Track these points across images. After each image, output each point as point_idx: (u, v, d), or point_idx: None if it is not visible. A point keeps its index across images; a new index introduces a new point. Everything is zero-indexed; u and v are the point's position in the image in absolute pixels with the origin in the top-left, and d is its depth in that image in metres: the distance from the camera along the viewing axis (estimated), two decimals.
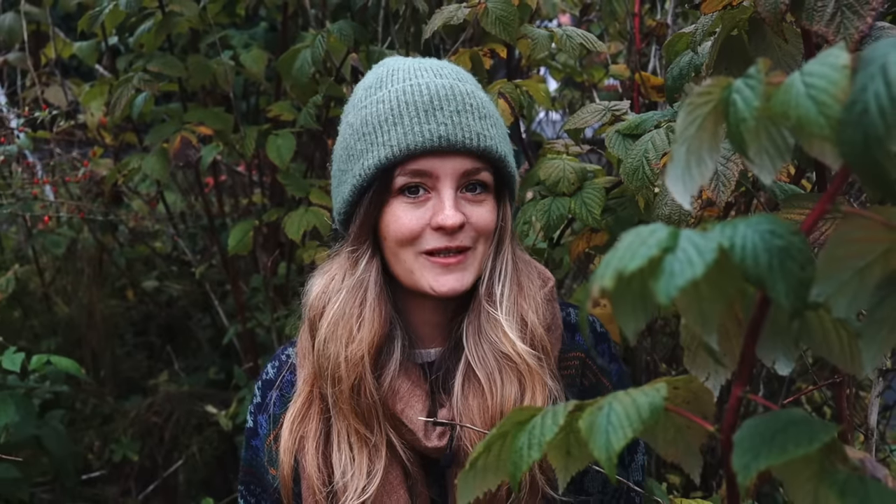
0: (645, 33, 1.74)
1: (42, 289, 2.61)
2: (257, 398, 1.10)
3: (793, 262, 0.36)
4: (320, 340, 0.98)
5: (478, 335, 0.97)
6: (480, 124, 0.94)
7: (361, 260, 0.98)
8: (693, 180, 0.40)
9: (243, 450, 1.11)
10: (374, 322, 0.96)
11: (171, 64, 1.84)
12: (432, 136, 0.91)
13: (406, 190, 0.94)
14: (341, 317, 0.96)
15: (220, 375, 2.61)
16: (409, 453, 0.97)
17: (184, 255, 2.60)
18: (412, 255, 0.95)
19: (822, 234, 0.64)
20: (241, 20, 2.52)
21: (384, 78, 0.98)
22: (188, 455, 2.39)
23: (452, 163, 0.93)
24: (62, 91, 2.46)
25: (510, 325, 0.96)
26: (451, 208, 0.92)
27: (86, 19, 1.81)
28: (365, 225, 0.97)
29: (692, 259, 0.37)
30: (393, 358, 0.98)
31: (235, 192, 2.68)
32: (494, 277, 0.99)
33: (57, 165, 2.45)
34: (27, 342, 2.51)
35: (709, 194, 0.65)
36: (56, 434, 2.13)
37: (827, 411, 2.14)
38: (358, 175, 0.95)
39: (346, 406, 0.96)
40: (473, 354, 0.97)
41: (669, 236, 0.38)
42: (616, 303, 0.40)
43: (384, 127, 0.93)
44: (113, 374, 2.64)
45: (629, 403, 0.43)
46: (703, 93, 0.41)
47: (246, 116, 2.45)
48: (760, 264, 0.36)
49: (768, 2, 0.61)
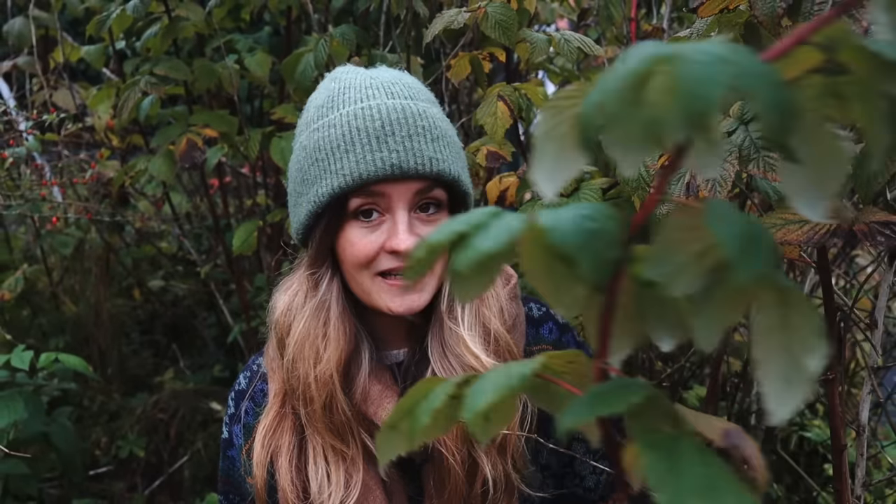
0: (641, 37, 1.74)
1: (50, 288, 2.61)
2: (231, 409, 1.10)
3: (600, 243, 0.39)
4: (289, 360, 0.98)
5: (442, 348, 0.97)
6: (433, 147, 0.93)
7: (322, 281, 0.98)
8: (561, 175, 0.42)
9: (220, 460, 1.11)
10: (339, 340, 0.96)
11: (177, 68, 1.84)
12: (384, 164, 0.90)
13: (360, 213, 0.94)
14: (307, 337, 0.97)
15: (224, 373, 2.61)
16: None
17: (189, 255, 2.60)
18: (368, 277, 0.95)
19: (816, 233, 0.64)
20: (245, 25, 2.52)
21: (336, 97, 0.97)
22: (193, 451, 2.39)
23: (405, 186, 0.92)
24: (70, 94, 2.46)
25: (473, 338, 0.96)
26: (405, 232, 0.92)
27: (94, 24, 1.81)
28: (322, 248, 0.97)
29: (495, 235, 0.40)
30: (362, 368, 0.98)
31: (240, 193, 2.68)
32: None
33: (65, 167, 2.45)
34: (36, 340, 2.51)
35: (706, 194, 0.65)
36: (64, 430, 2.13)
37: (819, 408, 2.14)
38: (312, 201, 0.94)
39: (320, 424, 0.96)
40: (439, 365, 0.97)
41: (489, 215, 0.42)
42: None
43: (336, 154, 0.92)
44: (120, 371, 2.64)
45: (504, 373, 0.45)
46: (569, 96, 0.42)
47: (250, 119, 2.45)
48: (568, 244, 0.38)
49: (766, 6, 0.61)
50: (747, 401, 1.87)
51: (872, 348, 1.14)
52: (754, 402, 1.88)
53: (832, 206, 0.64)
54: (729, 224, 0.36)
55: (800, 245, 0.78)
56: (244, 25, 2.52)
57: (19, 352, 1.95)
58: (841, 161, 0.38)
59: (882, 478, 1.24)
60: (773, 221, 0.68)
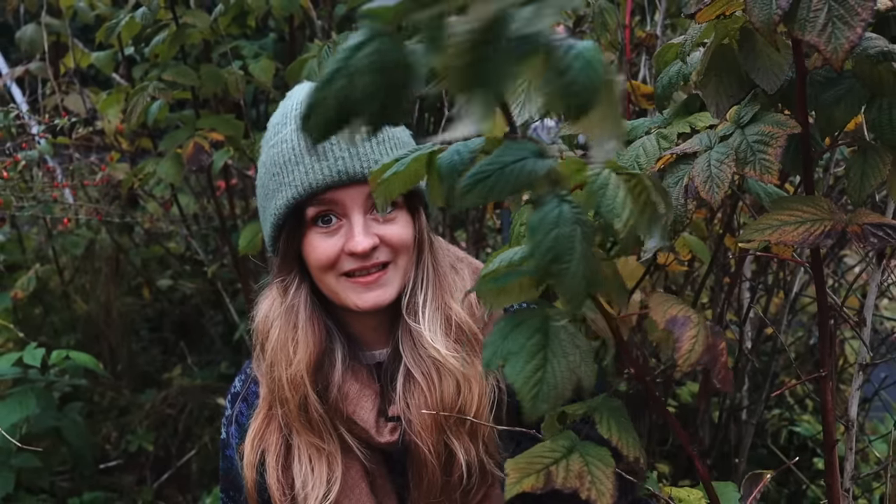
0: (635, 44, 1.73)
1: (62, 287, 2.60)
2: (228, 411, 1.11)
3: (455, 172, 0.53)
4: (267, 365, 1.00)
5: (412, 343, 0.99)
6: (378, 150, 0.94)
7: (290, 287, 1.00)
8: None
9: (220, 460, 1.12)
10: (307, 343, 0.97)
11: (185, 73, 1.83)
12: (331, 172, 0.92)
13: (319, 220, 0.95)
14: (279, 342, 0.99)
15: (230, 370, 2.61)
16: (365, 451, 0.99)
17: (196, 255, 2.59)
18: (333, 278, 0.97)
19: (811, 234, 0.64)
20: (251, 31, 2.51)
21: (288, 113, 0.99)
22: (201, 445, 2.38)
23: (356, 190, 0.93)
24: (81, 99, 2.45)
25: (433, 334, 0.97)
26: (361, 234, 0.93)
27: (103, 30, 1.80)
28: (288, 256, 0.98)
29: (405, 162, 0.61)
30: (336, 368, 0.99)
31: (246, 194, 2.67)
32: (417, 287, 1.00)
33: (76, 170, 2.44)
34: (48, 338, 2.51)
35: (703, 194, 0.64)
36: (75, 425, 2.12)
37: (809, 403, 2.13)
38: (273, 214, 0.96)
39: (297, 423, 0.98)
40: (410, 359, 0.98)
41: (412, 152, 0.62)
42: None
43: (288, 167, 0.94)
44: (129, 368, 2.64)
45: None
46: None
47: (256, 123, 2.44)
48: (443, 170, 0.55)
49: (762, 12, 0.60)
50: (739, 396, 1.86)
51: (861, 345, 1.13)
52: (745, 398, 1.88)
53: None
54: None
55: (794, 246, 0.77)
56: (249, 32, 2.51)
57: (31, 349, 1.95)
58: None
59: (870, 471, 1.23)
60: (769, 223, 0.67)
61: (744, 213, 1.49)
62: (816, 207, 0.68)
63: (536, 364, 0.53)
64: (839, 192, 1.47)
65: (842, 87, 0.72)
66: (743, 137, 0.67)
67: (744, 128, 0.69)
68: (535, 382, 0.52)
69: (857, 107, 0.72)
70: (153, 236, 2.77)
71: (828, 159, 1.34)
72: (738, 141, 0.67)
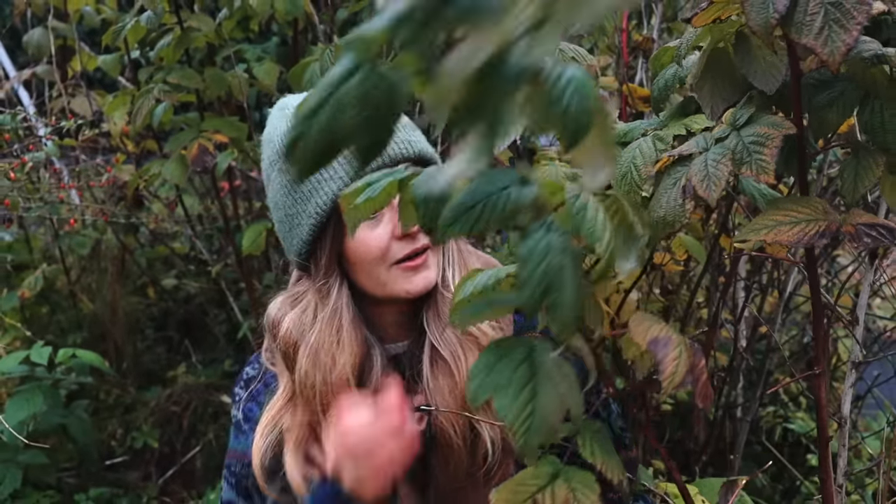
0: (632, 47, 1.73)
1: (68, 287, 2.59)
2: (242, 392, 1.07)
3: (431, 199, 0.50)
4: (301, 371, 0.95)
5: (437, 318, 0.97)
6: (406, 132, 0.95)
7: (332, 289, 0.96)
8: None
9: (231, 438, 1.07)
10: (353, 345, 0.94)
11: (189, 76, 1.83)
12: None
13: None
14: (321, 346, 0.94)
15: (234, 367, 2.60)
16: None
17: (201, 254, 2.58)
18: (385, 269, 0.94)
19: (806, 234, 0.64)
20: (254, 35, 2.50)
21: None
22: (205, 442, 2.38)
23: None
24: (87, 101, 2.45)
25: None
26: None
27: (109, 34, 1.80)
28: (331, 257, 0.95)
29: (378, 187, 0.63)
30: (374, 370, 0.97)
31: (249, 195, 2.67)
32: (446, 265, 0.99)
33: (82, 171, 2.44)
34: (54, 337, 2.50)
35: (701, 192, 0.64)
36: (81, 422, 2.12)
37: (803, 401, 2.13)
38: (314, 214, 0.93)
39: (325, 422, 0.94)
40: (436, 336, 0.96)
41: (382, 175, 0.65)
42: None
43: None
44: (134, 366, 2.63)
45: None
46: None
47: (259, 125, 2.43)
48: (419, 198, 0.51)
49: (760, 16, 0.60)
50: (733, 394, 1.86)
51: (854, 343, 1.13)
52: (740, 396, 1.88)
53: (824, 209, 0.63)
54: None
55: (788, 246, 0.77)
56: (253, 36, 2.51)
57: (38, 347, 1.95)
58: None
59: (863, 468, 1.23)
60: (765, 223, 0.67)
61: (738, 214, 1.49)
62: (811, 208, 0.68)
63: (526, 397, 0.51)
64: (833, 193, 1.47)
65: (834, 89, 0.72)
66: (739, 138, 0.67)
67: (740, 129, 0.69)
68: (527, 416, 0.50)
69: (849, 109, 0.71)
70: (158, 236, 2.76)
71: (821, 161, 1.34)
72: (735, 142, 0.67)
